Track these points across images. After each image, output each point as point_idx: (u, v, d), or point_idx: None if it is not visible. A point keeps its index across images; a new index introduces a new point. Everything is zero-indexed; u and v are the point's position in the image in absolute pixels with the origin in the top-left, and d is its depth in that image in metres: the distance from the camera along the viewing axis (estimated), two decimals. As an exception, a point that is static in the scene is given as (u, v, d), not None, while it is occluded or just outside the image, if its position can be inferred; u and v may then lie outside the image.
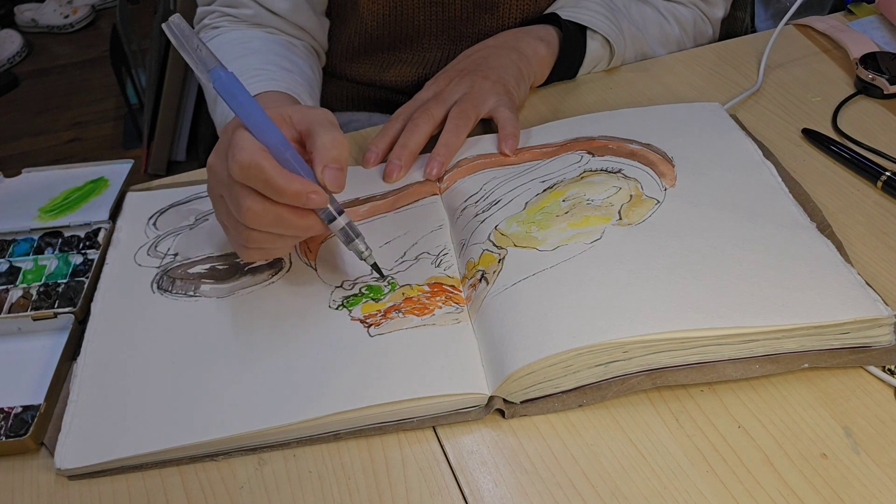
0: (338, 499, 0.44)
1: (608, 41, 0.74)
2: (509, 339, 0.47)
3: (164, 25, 0.49)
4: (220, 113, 0.68)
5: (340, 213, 0.50)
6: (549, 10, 0.77)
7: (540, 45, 0.73)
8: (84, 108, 2.32)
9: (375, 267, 0.53)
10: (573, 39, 0.74)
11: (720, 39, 0.86)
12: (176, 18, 0.49)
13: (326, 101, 0.87)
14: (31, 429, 0.47)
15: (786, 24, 0.76)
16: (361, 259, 0.53)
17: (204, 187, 0.65)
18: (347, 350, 0.50)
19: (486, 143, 0.65)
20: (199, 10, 0.77)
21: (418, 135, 0.65)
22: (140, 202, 0.65)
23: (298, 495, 0.45)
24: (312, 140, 0.49)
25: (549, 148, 0.64)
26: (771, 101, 0.70)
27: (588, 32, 0.74)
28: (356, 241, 0.52)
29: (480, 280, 0.52)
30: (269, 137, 0.48)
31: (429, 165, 0.63)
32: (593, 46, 0.75)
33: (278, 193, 0.47)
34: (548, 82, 0.76)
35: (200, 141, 1.86)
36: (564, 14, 0.74)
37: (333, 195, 0.50)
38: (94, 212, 0.64)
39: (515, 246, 0.54)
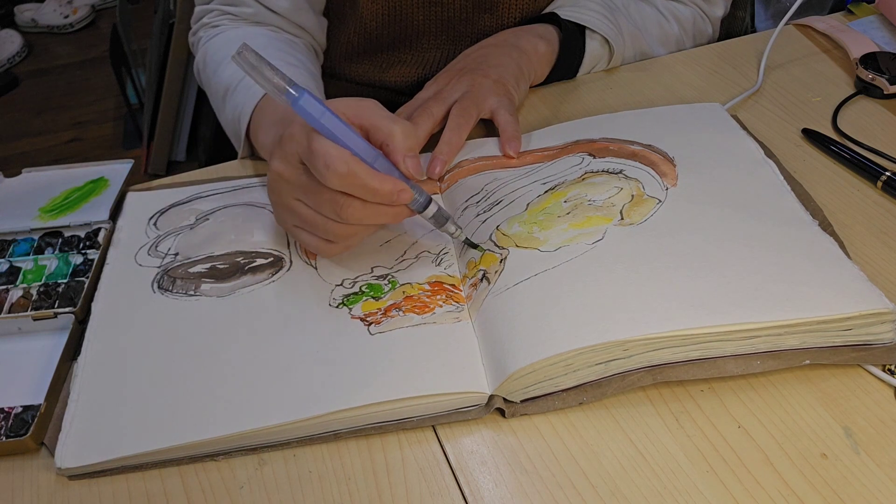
0: (338, 499, 0.44)
1: (607, 41, 0.74)
2: (510, 339, 0.47)
3: (232, 57, 0.49)
4: (232, 107, 0.67)
5: (430, 201, 0.53)
6: (548, 10, 0.77)
7: (540, 43, 0.73)
8: (84, 108, 2.32)
9: (468, 241, 0.55)
10: (572, 39, 0.74)
11: (720, 39, 0.86)
12: (244, 50, 0.49)
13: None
14: (31, 429, 0.47)
15: (786, 24, 0.76)
16: (454, 237, 0.55)
17: (204, 187, 0.65)
18: (348, 348, 0.50)
19: (488, 145, 0.65)
20: (198, 8, 0.77)
21: (419, 132, 0.65)
22: (140, 202, 0.65)
23: (298, 495, 0.45)
24: (385, 133, 0.51)
25: (550, 151, 0.64)
26: (771, 101, 0.70)
27: (587, 32, 0.74)
28: (447, 223, 0.54)
29: (482, 279, 0.52)
30: (358, 146, 0.50)
31: (431, 164, 0.63)
32: (592, 46, 0.75)
33: (374, 195, 0.50)
34: (548, 82, 0.76)
35: (200, 141, 1.86)
36: (564, 13, 0.74)
37: (418, 184, 0.53)
38: (94, 212, 0.64)
39: (517, 246, 0.54)
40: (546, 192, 0.58)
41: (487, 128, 0.68)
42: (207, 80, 0.73)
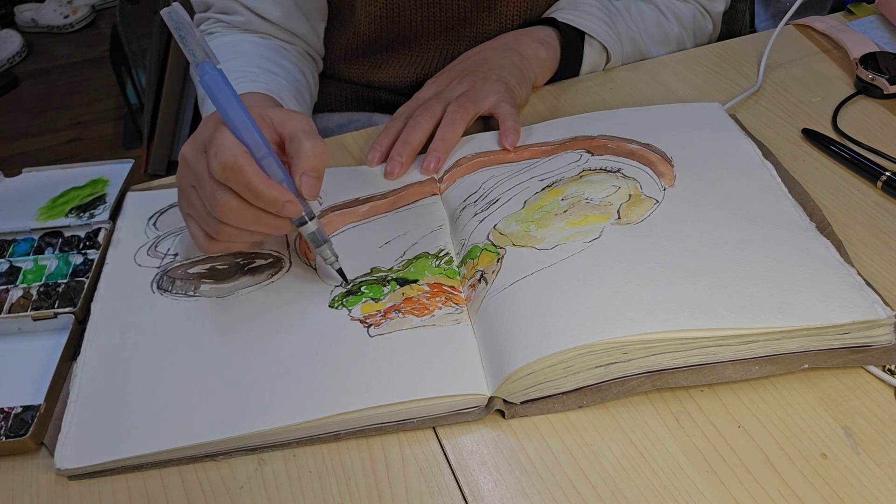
0: (338, 499, 0.44)
1: (605, 48, 0.75)
2: (508, 339, 0.47)
3: (162, 12, 0.49)
4: (209, 109, 0.68)
5: (312, 218, 0.52)
6: (548, 13, 0.77)
7: (540, 48, 0.73)
8: (84, 108, 2.32)
9: (340, 272, 0.54)
10: (571, 44, 0.74)
11: (721, 33, 0.86)
12: (176, 7, 0.49)
13: (326, 102, 0.87)
14: (31, 429, 0.47)
15: (786, 24, 0.76)
16: (327, 264, 0.54)
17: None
18: (347, 350, 0.50)
19: (486, 140, 0.65)
20: (196, 16, 0.78)
21: (419, 132, 0.65)
22: (140, 202, 0.65)
23: (298, 495, 0.45)
24: (295, 146, 0.50)
25: (549, 146, 0.64)
26: (771, 101, 0.70)
27: (586, 38, 0.74)
28: (323, 246, 0.53)
29: (480, 280, 0.52)
30: (251, 137, 0.49)
31: (426, 160, 0.63)
32: (591, 53, 0.75)
33: (256, 197, 0.48)
34: (547, 84, 0.76)
35: (200, 141, 1.85)
36: (563, 17, 0.74)
37: (306, 201, 0.51)
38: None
39: (514, 245, 0.54)
40: (543, 189, 0.58)
41: (487, 127, 0.68)
42: (195, 85, 0.74)
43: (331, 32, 0.81)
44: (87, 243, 0.61)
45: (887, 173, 0.59)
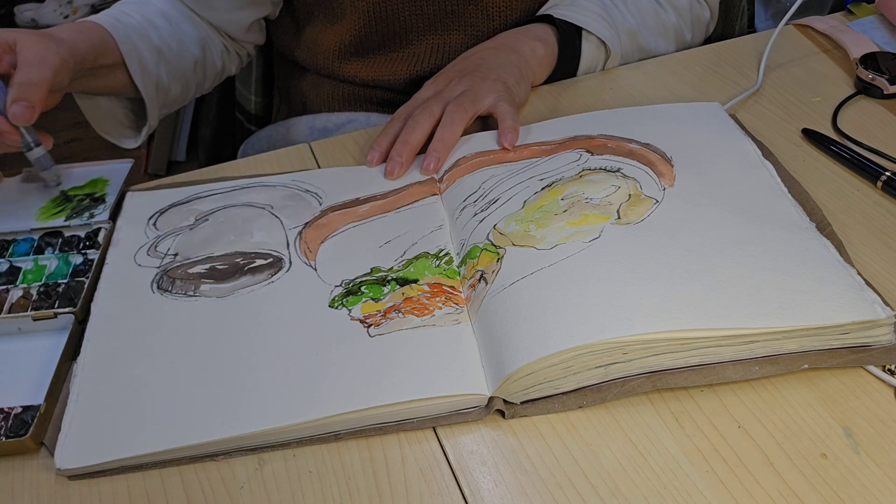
0: (338, 499, 0.44)
1: (603, 42, 0.75)
2: (508, 339, 0.47)
3: None
4: None
5: (38, 144, 0.61)
6: (544, 10, 0.77)
7: (538, 46, 0.73)
8: (84, 109, 2.31)
9: (64, 194, 0.62)
10: (569, 40, 0.74)
11: (717, 34, 0.86)
12: None
13: (325, 102, 0.87)
14: (31, 429, 0.47)
15: (786, 24, 0.76)
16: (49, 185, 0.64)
17: (204, 187, 0.65)
18: (347, 350, 0.50)
19: (485, 139, 0.65)
20: None
21: (418, 131, 0.65)
22: (140, 202, 0.65)
23: (298, 495, 0.45)
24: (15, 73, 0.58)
25: (548, 145, 0.64)
26: (771, 101, 0.70)
27: (583, 33, 0.74)
28: (40, 159, 0.63)
29: (480, 280, 0.52)
30: None
31: (426, 160, 0.63)
32: (588, 48, 0.75)
33: None
34: (546, 82, 0.76)
35: (200, 141, 1.86)
36: (559, 13, 0.74)
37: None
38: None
39: (514, 245, 0.54)
40: (543, 188, 0.58)
41: (486, 126, 0.68)
42: None
43: (321, 31, 0.81)
44: (87, 243, 0.61)
45: (887, 173, 0.59)
